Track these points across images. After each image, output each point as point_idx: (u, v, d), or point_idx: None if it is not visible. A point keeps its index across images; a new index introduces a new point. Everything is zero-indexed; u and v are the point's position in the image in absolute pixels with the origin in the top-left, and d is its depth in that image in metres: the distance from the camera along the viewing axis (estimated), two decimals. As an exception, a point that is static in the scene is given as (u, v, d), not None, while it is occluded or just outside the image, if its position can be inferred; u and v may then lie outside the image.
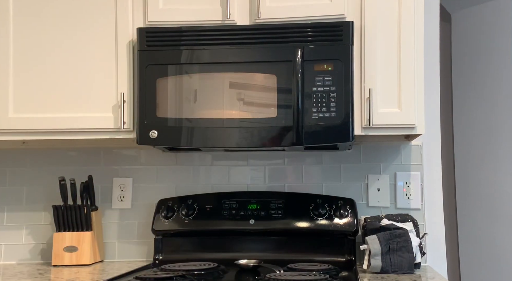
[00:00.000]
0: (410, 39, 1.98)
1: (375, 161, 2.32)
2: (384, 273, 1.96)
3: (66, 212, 2.26)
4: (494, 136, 2.97)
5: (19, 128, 2.08)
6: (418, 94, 1.98)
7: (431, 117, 2.32)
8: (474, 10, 3.09)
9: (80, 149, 2.44)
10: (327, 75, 1.93)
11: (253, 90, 1.98)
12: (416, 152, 2.31)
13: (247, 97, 1.98)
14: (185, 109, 1.99)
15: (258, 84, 1.99)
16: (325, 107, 1.92)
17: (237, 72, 1.98)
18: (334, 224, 2.19)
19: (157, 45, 2.02)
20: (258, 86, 1.98)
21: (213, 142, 1.99)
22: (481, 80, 3.05)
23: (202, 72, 2.00)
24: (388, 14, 2.00)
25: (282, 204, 2.24)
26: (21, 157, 2.46)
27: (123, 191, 2.41)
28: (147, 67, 2.02)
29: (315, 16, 1.99)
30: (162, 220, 2.26)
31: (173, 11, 2.05)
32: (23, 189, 2.45)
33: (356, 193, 2.32)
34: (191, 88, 2.00)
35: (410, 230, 2.02)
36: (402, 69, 1.98)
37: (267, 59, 1.99)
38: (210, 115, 1.99)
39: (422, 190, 2.30)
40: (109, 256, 2.39)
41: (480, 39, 3.07)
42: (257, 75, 1.99)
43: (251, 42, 1.98)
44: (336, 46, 1.94)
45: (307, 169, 2.36)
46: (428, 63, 2.26)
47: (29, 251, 2.42)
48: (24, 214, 2.43)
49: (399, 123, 1.98)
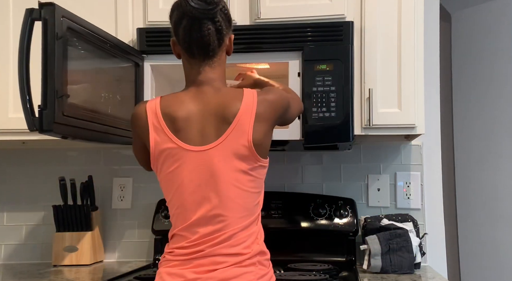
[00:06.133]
0: (410, 39, 1.98)
1: (375, 161, 2.32)
2: (384, 273, 1.96)
3: (66, 212, 2.26)
4: (494, 136, 2.97)
5: (19, 128, 2.07)
6: (418, 94, 1.98)
7: (431, 117, 2.32)
8: (474, 10, 3.09)
9: (80, 149, 2.44)
10: (327, 75, 1.93)
11: (253, 90, 1.97)
12: (416, 152, 2.31)
13: (247, 97, 1.97)
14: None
15: (258, 84, 1.98)
16: (325, 107, 1.92)
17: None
18: (334, 224, 2.20)
19: (157, 45, 2.02)
20: (258, 86, 1.98)
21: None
22: (481, 80, 3.05)
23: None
24: (388, 14, 2.00)
25: (282, 204, 2.24)
26: (21, 157, 2.46)
27: (123, 191, 2.41)
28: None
29: (315, 16, 1.99)
30: (162, 220, 2.26)
31: (173, 11, 2.05)
32: (23, 189, 2.45)
33: (356, 193, 2.32)
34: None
35: (410, 230, 2.02)
36: (402, 69, 1.98)
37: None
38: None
39: (422, 190, 2.30)
40: (109, 256, 2.39)
41: (480, 39, 3.07)
42: (257, 75, 1.99)
43: (251, 42, 1.98)
44: (336, 46, 1.94)
45: (307, 169, 2.36)
46: (428, 63, 2.26)
47: (29, 251, 2.42)
48: (24, 214, 2.43)
49: (399, 123, 1.98)
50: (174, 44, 1.49)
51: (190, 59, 1.46)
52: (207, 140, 1.38)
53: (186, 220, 1.38)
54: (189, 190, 1.38)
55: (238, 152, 1.38)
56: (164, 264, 1.41)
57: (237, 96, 1.42)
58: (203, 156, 1.37)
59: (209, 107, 1.41)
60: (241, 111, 1.39)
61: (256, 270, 1.38)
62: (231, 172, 1.38)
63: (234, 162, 1.38)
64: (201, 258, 1.35)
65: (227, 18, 1.44)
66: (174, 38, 1.47)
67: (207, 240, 1.36)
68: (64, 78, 1.50)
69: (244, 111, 1.40)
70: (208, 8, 1.38)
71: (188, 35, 1.40)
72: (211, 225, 1.37)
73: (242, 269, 1.35)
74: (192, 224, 1.37)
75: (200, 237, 1.36)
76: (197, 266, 1.35)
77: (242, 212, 1.39)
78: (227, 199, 1.37)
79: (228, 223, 1.37)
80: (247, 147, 1.39)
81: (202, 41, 1.41)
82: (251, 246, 1.39)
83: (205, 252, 1.35)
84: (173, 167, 1.39)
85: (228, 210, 1.37)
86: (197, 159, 1.37)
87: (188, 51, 1.44)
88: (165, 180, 1.42)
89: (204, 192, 1.37)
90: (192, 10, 1.36)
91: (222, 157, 1.37)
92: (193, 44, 1.41)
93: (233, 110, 1.39)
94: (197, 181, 1.37)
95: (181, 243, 1.38)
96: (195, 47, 1.42)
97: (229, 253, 1.36)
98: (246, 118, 1.39)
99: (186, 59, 1.47)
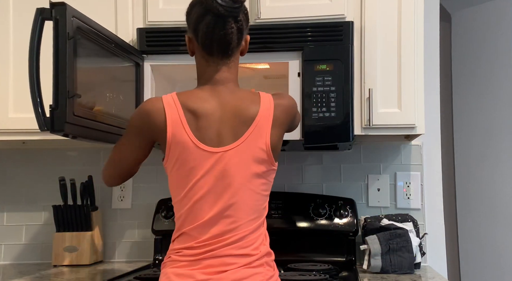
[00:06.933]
0: (410, 39, 1.98)
1: (375, 161, 2.32)
2: (384, 273, 1.96)
3: (66, 212, 2.26)
4: (494, 136, 2.97)
5: (19, 128, 2.08)
6: (418, 94, 1.98)
7: (431, 117, 2.32)
8: (474, 10, 3.09)
9: (80, 149, 2.44)
10: (327, 75, 1.93)
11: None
12: (416, 152, 2.31)
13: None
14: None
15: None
16: (325, 107, 1.92)
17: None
18: (334, 224, 2.20)
19: (157, 45, 2.02)
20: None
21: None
22: (481, 80, 3.05)
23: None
24: (388, 14, 2.00)
25: (282, 204, 2.24)
26: (21, 157, 2.46)
27: (123, 191, 2.41)
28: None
29: (315, 16, 1.99)
30: (162, 220, 2.26)
31: (173, 11, 2.05)
32: (23, 189, 2.45)
33: (356, 193, 2.32)
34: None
35: (410, 230, 2.02)
36: (402, 69, 1.98)
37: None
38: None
39: (422, 190, 2.30)
40: (109, 256, 2.39)
41: (480, 39, 3.07)
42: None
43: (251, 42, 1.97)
44: (336, 46, 1.94)
45: (307, 169, 2.36)
46: (428, 63, 2.26)
47: (29, 251, 2.42)
48: (24, 214, 2.43)
49: (399, 123, 1.98)
50: (190, 41, 1.45)
51: (207, 57, 1.42)
52: (224, 142, 1.37)
53: (197, 220, 1.36)
54: (203, 191, 1.36)
55: (256, 155, 1.38)
56: (170, 265, 1.38)
57: (254, 99, 1.42)
58: (219, 158, 1.36)
59: (226, 107, 1.39)
60: (259, 114, 1.39)
61: (265, 271, 1.38)
62: (247, 175, 1.37)
63: (251, 165, 1.38)
64: (210, 258, 1.34)
65: (247, 18, 1.44)
66: (190, 35, 1.44)
67: (218, 241, 1.35)
68: (75, 78, 1.50)
69: (263, 114, 1.39)
70: (235, 6, 1.36)
71: (211, 32, 1.37)
72: (222, 226, 1.35)
73: (252, 270, 1.35)
74: (203, 224, 1.36)
75: (210, 238, 1.35)
76: (207, 267, 1.34)
77: (253, 214, 1.39)
78: (240, 201, 1.37)
79: (240, 225, 1.36)
80: (264, 150, 1.39)
81: (224, 40, 1.39)
82: (259, 248, 1.39)
83: (215, 252, 1.34)
84: (187, 166, 1.36)
85: (240, 211, 1.37)
86: (213, 160, 1.36)
87: (206, 49, 1.41)
88: (177, 178, 1.39)
89: (218, 193, 1.36)
90: (218, 7, 1.35)
91: (239, 159, 1.36)
92: (214, 41, 1.39)
93: (252, 113, 1.39)
94: (212, 182, 1.36)
95: (190, 243, 1.36)
96: (215, 44, 1.39)
97: (239, 253, 1.35)
98: (265, 122, 1.39)
99: (202, 57, 1.43)
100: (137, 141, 1.44)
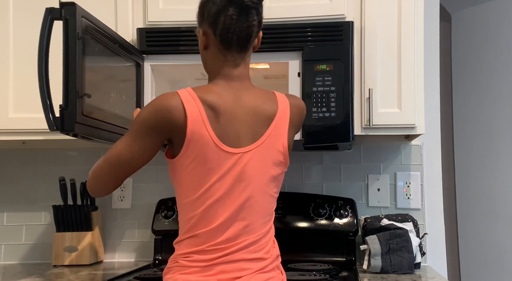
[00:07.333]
0: (410, 39, 1.98)
1: (375, 161, 2.32)
2: (384, 273, 1.96)
3: (66, 212, 2.26)
4: (494, 136, 2.97)
5: (19, 128, 2.08)
6: (418, 94, 1.98)
7: (431, 117, 2.32)
8: (474, 10, 3.09)
9: (80, 149, 2.44)
10: (327, 75, 1.93)
11: (253, 90, 1.97)
12: (416, 152, 2.31)
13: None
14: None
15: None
16: (325, 107, 1.92)
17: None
18: (334, 224, 2.19)
19: (157, 45, 2.02)
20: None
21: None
22: (481, 80, 3.05)
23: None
24: (388, 14, 2.00)
25: (282, 204, 2.24)
26: (21, 157, 2.46)
27: (123, 191, 2.41)
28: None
29: (315, 16, 1.99)
30: (162, 220, 2.26)
31: (173, 11, 2.05)
32: (23, 189, 2.45)
33: (356, 193, 2.32)
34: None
35: (410, 230, 2.02)
36: (402, 69, 1.98)
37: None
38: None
39: (422, 190, 2.30)
40: (109, 256, 2.39)
41: (480, 39, 3.07)
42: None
43: (251, 42, 1.98)
44: (336, 46, 1.94)
45: (307, 169, 2.36)
46: (428, 63, 2.26)
47: (29, 251, 2.42)
48: (24, 214, 2.43)
49: (399, 123, 1.98)
50: (205, 34, 1.36)
51: (225, 51, 1.35)
52: (243, 142, 1.32)
53: (212, 223, 1.30)
54: (219, 193, 1.30)
55: (274, 157, 1.35)
56: (178, 270, 1.31)
57: (271, 97, 1.38)
58: (238, 159, 1.30)
59: (244, 105, 1.34)
60: (278, 114, 1.36)
61: (277, 275, 1.36)
62: (264, 177, 1.34)
63: (269, 168, 1.34)
64: (223, 263, 1.29)
65: (263, 13, 1.38)
66: (204, 28, 1.36)
67: (231, 245, 1.30)
68: (84, 78, 1.49)
69: (281, 115, 1.36)
70: None
71: (234, 24, 1.31)
72: (236, 229, 1.31)
73: (266, 275, 1.33)
74: (217, 227, 1.30)
75: (223, 241, 1.30)
76: (220, 273, 1.29)
77: (266, 216, 1.37)
78: (255, 204, 1.33)
79: (253, 228, 1.33)
80: (282, 152, 1.36)
81: (246, 32, 1.33)
82: (270, 251, 1.37)
83: (228, 257, 1.29)
84: (206, 166, 1.29)
85: (254, 214, 1.33)
86: (232, 162, 1.30)
87: (225, 42, 1.33)
88: (193, 177, 1.31)
89: (234, 195, 1.31)
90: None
91: (258, 161, 1.32)
92: (235, 34, 1.32)
93: (271, 112, 1.35)
94: (229, 184, 1.30)
95: (202, 246, 1.30)
96: (236, 37, 1.33)
97: (252, 258, 1.32)
98: (283, 122, 1.36)
99: (220, 51, 1.35)
100: (150, 141, 1.32)
